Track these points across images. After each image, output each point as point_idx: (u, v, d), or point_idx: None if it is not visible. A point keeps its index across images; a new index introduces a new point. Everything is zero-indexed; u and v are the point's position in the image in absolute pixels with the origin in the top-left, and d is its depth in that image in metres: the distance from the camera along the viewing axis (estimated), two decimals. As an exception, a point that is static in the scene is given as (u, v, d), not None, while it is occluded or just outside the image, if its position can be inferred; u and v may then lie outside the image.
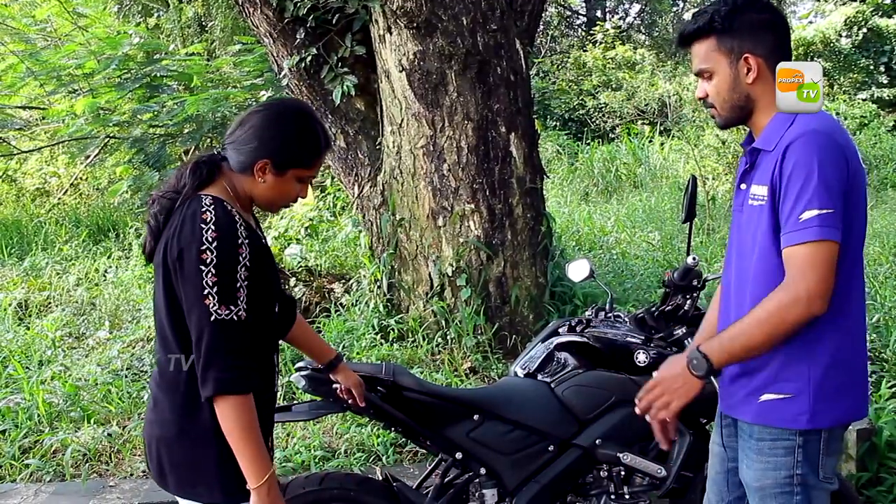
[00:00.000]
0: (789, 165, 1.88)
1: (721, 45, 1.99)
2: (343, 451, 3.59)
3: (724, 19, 1.97)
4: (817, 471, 2.01)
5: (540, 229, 4.59)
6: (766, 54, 1.97)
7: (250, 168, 1.97)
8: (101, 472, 3.51)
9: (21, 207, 9.61)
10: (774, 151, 1.94)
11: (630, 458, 2.66)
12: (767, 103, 1.99)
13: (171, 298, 1.91)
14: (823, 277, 1.85)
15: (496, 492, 2.66)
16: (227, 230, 1.86)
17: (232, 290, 1.84)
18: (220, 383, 1.83)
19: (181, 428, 1.93)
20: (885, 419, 3.94)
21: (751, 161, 2.03)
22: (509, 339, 4.45)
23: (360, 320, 4.71)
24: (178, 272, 1.86)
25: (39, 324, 5.37)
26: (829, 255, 1.86)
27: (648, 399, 2.02)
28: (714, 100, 2.04)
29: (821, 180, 1.85)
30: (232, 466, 1.91)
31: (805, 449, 1.99)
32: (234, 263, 1.85)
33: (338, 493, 2.52)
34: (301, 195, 2.06)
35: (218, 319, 1.82)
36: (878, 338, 4.63)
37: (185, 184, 1.96)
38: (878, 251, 6.60)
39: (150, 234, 1.99)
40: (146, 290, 5.76)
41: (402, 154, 4.54)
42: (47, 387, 4.19)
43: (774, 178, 1.91)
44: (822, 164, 1.86)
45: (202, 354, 1.83)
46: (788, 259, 1.88)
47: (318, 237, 6.33)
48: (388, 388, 2.55)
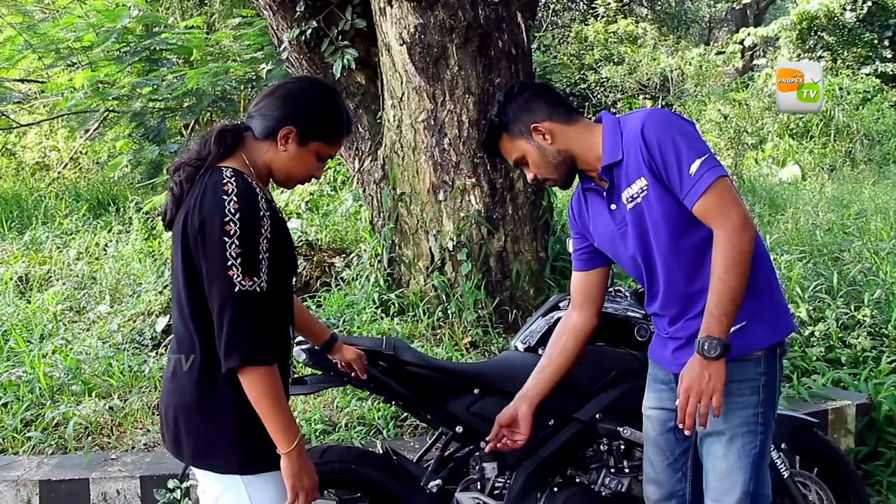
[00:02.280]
0: (653, 142, 2.09)
1: (513, 135, 2.28)
2: (343, 425, 3.60)
3: (499, 117, 2.29)
4: (775, 405, 2.20)
5: (541, 204, 4.58)
6: (546, 116, 2.25)
7: (275, 134, 1.99)
8: (102, 445, 3.52)
9: (21, 181, 9.57)
10: (630, 150, 2.15)
11: (630, 433, 2.67)
12: (578, 145, 2.25)
13: (188, 268, 1.91)
14: (738, 202, 2.06)
15: (496, 465, 2.68)
16: (249, 202, 1.87)
17: (255, 262, 1.85)
18: (247, 354, 1.84)
19: (199, 398, 1.94)
20: (884, 394, 3.96)
21: (607, 179, 2.21)
22: (510, 313, 4.45)
23: (360, 294, 4.71)
24: (199, 243, 1.87)
25: (40, 298, 5.37)
26: (730, 187, 2.07)
27: (690, 413, 2.07)
28: (542, 174, 2.29)
29: (685, 136, 2.09)
30: (249, 437, 1.93)
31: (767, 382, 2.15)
32: (257, 235, 1.85)
33: (338, 466, 2.54)
34: (316, 174, 2.08)
35: (242, 290, 1.83)
36: (878, 313, 4.63)
37: (210, 151, 1.97)
38: (879, 227, 6.58)
39: (172, 202, 2.00)
40: (146, 265, 5.76)
41: (402, 128, 4.52)
42: (48, 360, 4.20)
43: (648, 163, 2.11)
44: (675, 124, 2.12)
45: (226, 326, 1.84)
46: (705, 211, 2.06)
47: (318, 211, 6.31)
48: (389, 362, 2.56)
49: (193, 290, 1.91)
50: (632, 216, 2.20)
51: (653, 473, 2.41)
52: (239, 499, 1.96)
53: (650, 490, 2.43)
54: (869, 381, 4.06)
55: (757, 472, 2.17)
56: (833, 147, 11.09)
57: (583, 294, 2.48)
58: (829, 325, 4.45)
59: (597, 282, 2.47)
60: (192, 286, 1.91)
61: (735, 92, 12.51)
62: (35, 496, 3.16)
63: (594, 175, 2.28)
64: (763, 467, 2.20)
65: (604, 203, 2.28)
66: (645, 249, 2.22)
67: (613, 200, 2.24)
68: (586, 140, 2.25)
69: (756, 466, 2.16)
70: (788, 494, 2.76)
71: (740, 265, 2.02)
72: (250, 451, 1.94)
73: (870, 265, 5.43)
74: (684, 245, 2.15)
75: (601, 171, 2.23)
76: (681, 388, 2.08)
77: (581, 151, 2.25)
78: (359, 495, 2.64)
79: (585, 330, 2.50)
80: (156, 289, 5.20)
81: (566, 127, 2.25)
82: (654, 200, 2.14)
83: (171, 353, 2.05)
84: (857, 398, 3.92)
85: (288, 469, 1.92)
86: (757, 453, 2.16)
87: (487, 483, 2.67)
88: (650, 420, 2.40)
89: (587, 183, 2.34)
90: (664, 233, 2.15)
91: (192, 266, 1.90)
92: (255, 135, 2.02)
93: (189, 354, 1.95)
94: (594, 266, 2.45)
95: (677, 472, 2.35)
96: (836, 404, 3.85)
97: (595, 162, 2.24)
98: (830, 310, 4.56)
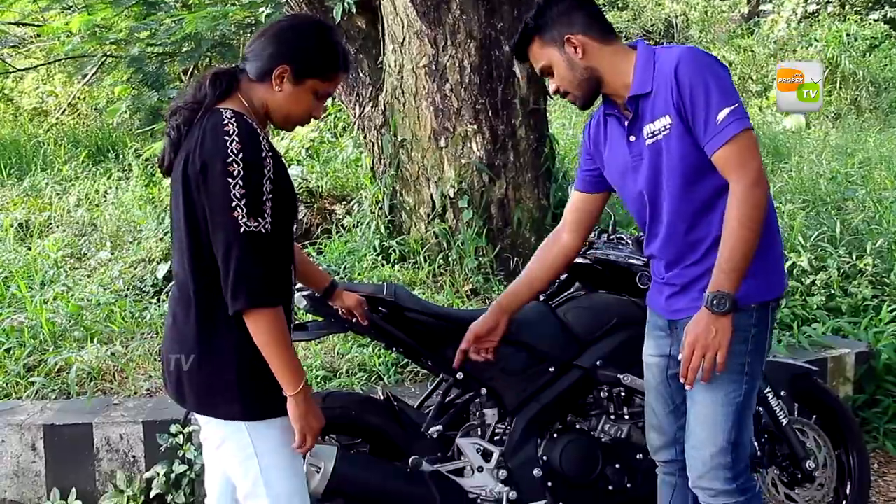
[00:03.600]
0: (685, 84, 2.05)
1: (545, 41, 2.21)
2: (345, 371, 3.62)
3: (535, 20, 2.21)
4: (763, 358, 2.18)
5: (543, 151, 4.54)
6: (583, 30, 2.18)
7: (269, 74, 1.96)
8: (105, 391, 3.54)
9: (19, 127, 9.50)
10: (661, 86, 2.10)
11: (630, 380, 2.68)
12: (608, 67, 2.18)
13: (189, 213, 1.89)
14: (758, 158, 2.04)
15: (496, 412, 2.69)
16: (251, 142, 1.84)
17: (259, 203, 1.83)
18: (253, 296, 1.83)
19: (201, 345, 1.93)
20: (883, 343, 3.97)
21: (632, 109, 2.17)
22: (511, 261, 4.44)
23: (361, 242, 4.70)
24: (201, 186, 1.84)
25: (41, 244, 5.37)
26: (754, 140, 2.05)
27: (694, 367, 2.06)
28: (565, 87, 2.23)
29: (719, 82, 2.04)
30: (251, 383, 1.93)
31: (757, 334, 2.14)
32: (260, 176, 1.83)
33: (339, 412, 2.55)
34: (315, 114, 2.04)
35: (247, 232, 1.81)
36: (880, 262, 4.63)
37: (206, 94, 1.94)
38: (884, 175, 6.54)
39: (170, 147, 1.97)
40: (146, 211, 5.73)
41: (403, 73, 4.46)
42: (50, 307, 4.20)
43: (676, 102, 2.07)
44: (712, 68, 2.07)
45: (232, 268, 1.83)
46: (724, 161, 2.04)
47: (318, 158, 6.26)
48: (390, 309, 2.55)
49: (194, 236, 1.89)
50: (649, 152, 2.16)
51: (655, 421, 2.42)
52: (242, 444, 1.97)
53: (652, 437, 2.44)
54: (869, 330, 4.07)
55: (739, 422, 2.16)
56: (838, 95, 10.98)
57: (577, 216, 2.46)
58: (831, 273, 4.45)
59: (594, 207, 2.45)
60: (192, 232, 1.89)
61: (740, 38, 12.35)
62: (39, 440, 3.18)
63: (619, 102, 2.23)
64: (746, 418, 2.18)
65: (623, 133, 2.23)
66: (654, 188, 2.18)
67: (634, 132, 2.19)
68: (617, 65, 2.19)
69: (739, 416, 2.16)
70: (787, 441, 2.78)
71: (754, 221, 2.00)
72: (252, 397, 1.94)
73: (873, 214, 5.41)
74: (695, 191, 2.12)
75: (627, 101, 2.18)
76: (686, 341, 2.07)
77: (609, 75, 2.19)
78: (360, 441, 2.66)
79: (571, 252, 2.50)
80: (156, 235, 5.18)
81: (600, 45, 2.19)
82: (674, 141, 2.10)
83: (172, 299, 2.04)
84: (856, 347, 3.93)
85: (294, 411, 1.93)
86: (740, 403, 2.15)
87: (488, 429, 2.69)
88: (650, 368, 2.40)
89: (610, 108, 2.28)
90: (678, 175, 2.12)
91: (192, 211, 1.88)
92: (251, 77, 1.98)
93: (190, 301, 1.94)
94: (596, 191, 2.42)
95: (679, 420, 2.34)
96: (835, 353, 3.86)
97: (622, 89, 2.19)
98: (832, 259, 4.56)
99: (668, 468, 2.45)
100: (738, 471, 2.19)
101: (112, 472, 3.19)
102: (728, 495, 2.19)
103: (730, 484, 2.18)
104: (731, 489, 2.18)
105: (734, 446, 2.16)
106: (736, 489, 2.19)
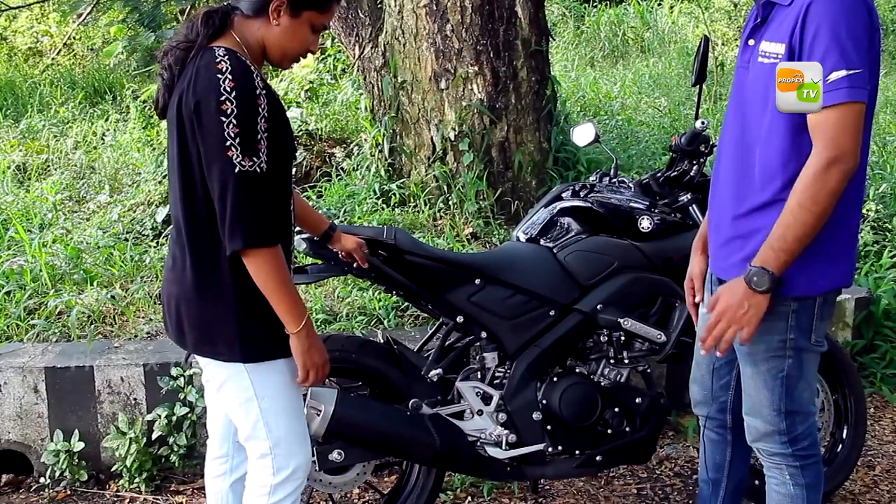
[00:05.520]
0: (812, 24, 1.80)
1: None
2: (345, 315, 3.62)
3: None
4: (809, 335, 2.03)
5: (545, 93, 4.49)
6: None
7: (265, 9, 1.90)
8: (105, 334, 3.55)
9: (14, 68, 9.37)
10: (793, 6, 1.85)
11: (630, 324, 2.68)
12: None
13: (183, 154, 1.86)
14: (853, 138, 1.81)
15: (496, 355, 2.70)
16: (245, 80, 1.80)
17: (254, 142, 1.80)
18: (251, 236, 1.82)
19: (200, 287, 1.92)
20: (884, 288, 3.97)
21: (763, 15, 1.95)
22: (512, 204, 4.42)
23: (361, 185, 4.67)
24: (195, 125, 1.81)
25: (39, 187, 5.34)
26: (859, 117, 1.81)
27: (715, 336, 1.96)
28: None
29: (849, 38, 1.78)
30: (251, 325, 1.93)
31: (799, 315, 1.99)
32: (255, 114, 1.80)
33: (339, 355, 2.55)
34: (312, 48, 2.00)
35: (242, 171, 1.79)
36: (883, 208, 4.60)
37: (199, 33, 1.89)
38: (888, 120, 6.48)
39: (163, 88, 1.93)
40: (145, 154, 5.69)
41: (403, 13, 4.38)
42: (49, 250, 4.19)
43: (795, 38, 1.83)
44: (850, 21, 1.79)
45: (228, 208, 1.80)
46: (815, 125, 1.82)
47: (318, 100, 6.19)
48: (390, 252, 2.54)
49: (187, 177, 1.87)
50: (754, 70, 1.96)
51: (697, 374, 2.38)
52: (242, 386, 1.98)
53: (694, 390, 2.41)
54: (869, 276, 4.06)
55: (789, 393, 2.06)
56: (844, 37, 10.80)
57: None
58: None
59: None
60: (185, 173, 1.87)
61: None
62: (41, 382, 3.20)
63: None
64: (798, 387, 2.07)
65: (748, 29, 2.01)
66: (740, 110, 2.01)
67: (754, 37, 1.98)
68: None
69: (787, 387, 2.06)
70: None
71: (820, 204, 1.81)
72: (253, 339, 1.94)
73: (876, 159, 5.37)
74: (774, 128, 1.91)
75: (762, 3, 1.95)
76: (717, 307, 1.96)
77: None
78: (360, 384, 2.67)
79: None
80: (155, 178, 5.15)
81: None
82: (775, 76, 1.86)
83: (171, 242, 2.03)
84: (856, 292, 3.92)
85: (298, 348, 1.93)
86: (785, 376, 2.05)
87: (487, 373, 2.70)
88: (701, 320, 2.29)
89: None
90: (766, 107, 1.92)
91: (186, 152, 1.85)
92: (245, 13, 1.93)
93: (188, 243, 1.92)
94: None
95: (721, 379, 2.29)
96: (835, 298, 3.85)
97: None
98: (834, 203, 4.53)
99: (708, 423, 2.42)
100: (795, 436, 2.11)
101: (114, 414, 3.22)
102: (783, 458, 2.14)
103: (786, 448, 2.12)
104: (787, 452, 2.13)
105: (787, 414, 2.08)
106: (792, 454, 2.13)
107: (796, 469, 2.15)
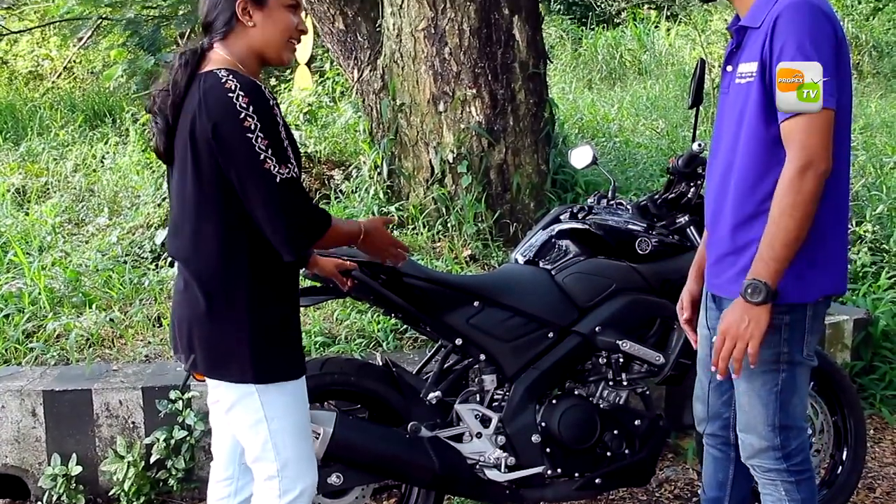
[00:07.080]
0: (780, 38, 1.87)
1: None
2: (343, 337, 3.62)
3: None
4: (802, 348, 2.06)
5: (543, 115, 4.51)
6: None
7: (233, 17, 1.90)
8: (104, 357, 3.54)
9: (14, 91, 9.42)
10: (762, 27, 1.92)
11: (629, 346, 2.68)
12: None
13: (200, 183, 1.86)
14: (823, 143, 1.86)
15: (495, 378, 2.69)
16: (256, 94, 1.81)
17: (283, 150, 1.83)
18: (312, 236, 1.90)
19: (213, 309, 1.92)
20: (882, 309, 3.97)
21: (738, 41, 2.02)
22: (510, 226, 4.43)
23: (360, 207, 4.68)
24: (215, 149, 1.81)
25: (38, 210, 5.35)
26: (828, 123, 1.87)
27: (724, 357, 1.98)
28: None
29: (814, 49, 1.84)
30: (263, 347, 1.93)
31: (791, 326, 2.02)
32: (275, 124, 1.82)
33: (338, 378, 2.55)
34: (301, 27, 1.98)
35: (283, 180, 1.81)
36: (880, 229, 4.62)
37: (178, 72, 1.89)
38: (885, 141, 6.51)
39: (159, 133, 1.92)
40: (144, 177, 5.71)
41: (402, 37, 4.41)
42: (48, 272, 4.19)
43: (765, 54, 1.90)
44: (814, 32, 1.86)
45: (280, 220, 1.83)
46: (788, 133, 1.88)
47: (317, 123, 6.22)
48: (389, 274, 2.54)
49: (201, 206, 1.87)
50: (733, 92, 2.03)
51: (700, 392, 2.39)
52: (253, 408, 1.97)
53: (697, 409, 2.42)
54: (867, 297, 4.06)
55: (783, 408, 2.08)
56: (840, 59, 10.86)
57: None
58: (830, 239, 4.43)
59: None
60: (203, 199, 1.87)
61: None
62: (39, 406, 3.19)
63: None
64: (792, 402, 2.09)
65: (726, 56, 2.08)
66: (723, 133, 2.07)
67: (731, 62, 2.05)
68: None
69: (781, 402, 2.08)
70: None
71: (799, 209, 1.85)
72: (264, 360, 1.94)
73: (873, 180, 5.39)
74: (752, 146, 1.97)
75: (736, 28, 2.02)
76: (719, 328, 1.99)
77: None
78: (359, 406, 2.66)
79: None
80: (154, 201, 5.16)
81: None
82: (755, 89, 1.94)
83: (181, 266, 2.02)
84: (855, 313, 3.93)
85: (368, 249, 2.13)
86: (778, 391, 2.07)
87: (486, 395, 2.69)
88: (700, 340, 2.33)
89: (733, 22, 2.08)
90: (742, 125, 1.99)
91: (207, 180, 1.85)
92: (220, 34, 1.91)
93: (198, 275, 1.93)
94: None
95: (723, 396, 2.31)
96: (833, 319, 3.86)
97: (743, 10, 2.01)
98: (832, 224, 4.54)
99: (711, 440, 2.43)
100: (789, 451, 2.12)
101: (112, 437, 3.21)
102: (778, 473, 2.14)
103: (780, 463, 2.13)
104: (782, 468, 2.13)
105: (781, 429, 2.10)
106: (787, 469, 2.13)
107: (791, 485, 2.16)
